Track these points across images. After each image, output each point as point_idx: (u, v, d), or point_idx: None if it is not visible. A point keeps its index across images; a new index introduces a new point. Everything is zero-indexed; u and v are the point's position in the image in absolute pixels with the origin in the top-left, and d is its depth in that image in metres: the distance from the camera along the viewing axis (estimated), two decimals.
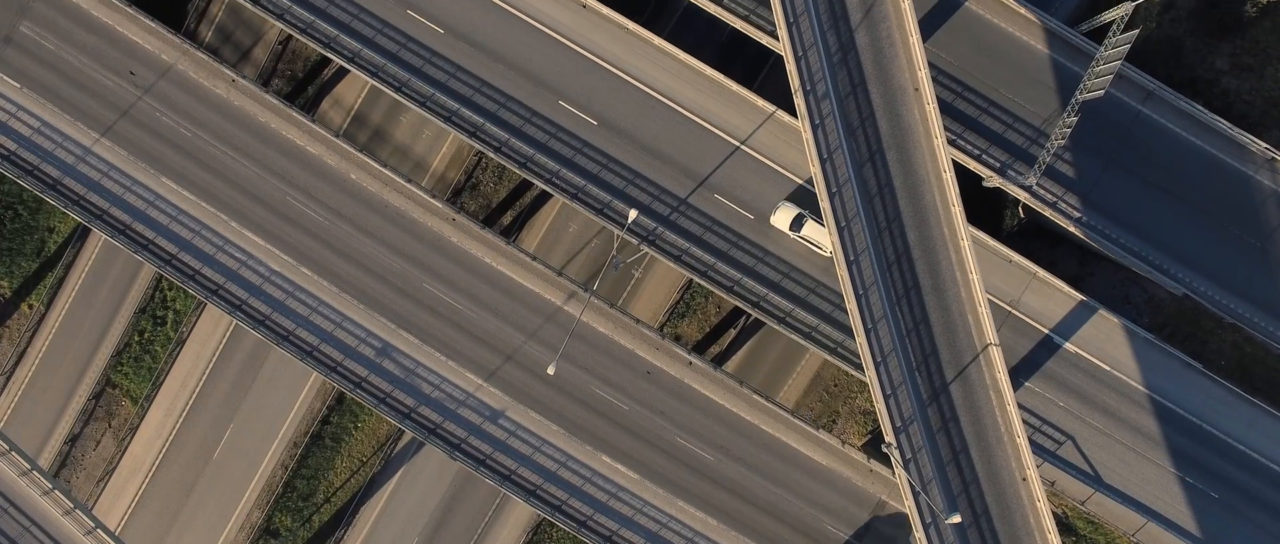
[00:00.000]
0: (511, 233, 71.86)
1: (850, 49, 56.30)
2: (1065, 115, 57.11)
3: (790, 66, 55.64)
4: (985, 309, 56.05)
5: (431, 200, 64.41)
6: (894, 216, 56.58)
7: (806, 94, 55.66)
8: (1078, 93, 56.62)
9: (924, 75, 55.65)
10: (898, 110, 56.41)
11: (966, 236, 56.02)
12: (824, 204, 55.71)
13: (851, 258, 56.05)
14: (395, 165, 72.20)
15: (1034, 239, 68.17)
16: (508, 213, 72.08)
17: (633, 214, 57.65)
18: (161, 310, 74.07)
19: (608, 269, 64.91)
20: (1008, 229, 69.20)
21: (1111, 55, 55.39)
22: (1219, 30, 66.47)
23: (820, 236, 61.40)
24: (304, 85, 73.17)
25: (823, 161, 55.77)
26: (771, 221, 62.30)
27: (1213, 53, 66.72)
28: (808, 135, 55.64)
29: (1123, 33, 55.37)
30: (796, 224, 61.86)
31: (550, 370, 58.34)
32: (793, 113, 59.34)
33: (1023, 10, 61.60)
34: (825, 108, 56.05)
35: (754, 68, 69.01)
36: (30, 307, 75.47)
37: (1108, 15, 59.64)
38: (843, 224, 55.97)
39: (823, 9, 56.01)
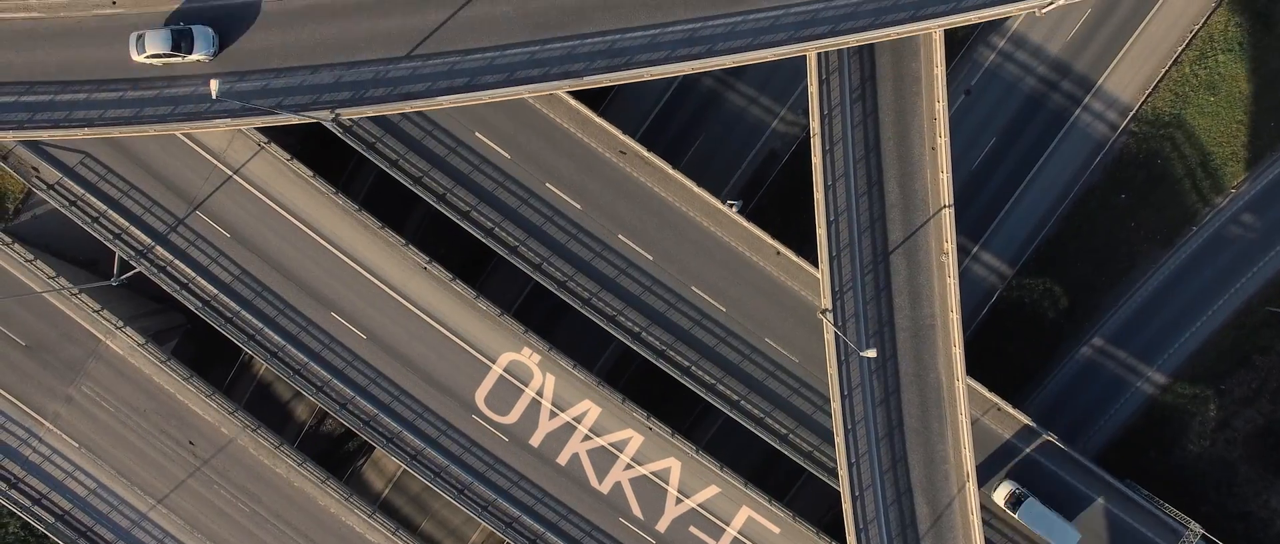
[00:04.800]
0: None
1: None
2: None
3: None
4: None
5: None
6: None
7: None
8: None
9: None
10: None
11: None
12: None
13: None
14: (430, 532, 73.44)
15: None
16: None
17: None
18: None
19: None
20: None
21: None
22: (1276, 466, 66.72)
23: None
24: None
25: None
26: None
27: (1268, 489, 67.07)
28: None
29: None
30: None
31: None
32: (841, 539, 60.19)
33: (1078, 456, 61.95)
34: None
35: (794, 473, 69.37)
36: None
37: (1171, 511, 59.81)
38: None
39: (893, 521, 56.40)
